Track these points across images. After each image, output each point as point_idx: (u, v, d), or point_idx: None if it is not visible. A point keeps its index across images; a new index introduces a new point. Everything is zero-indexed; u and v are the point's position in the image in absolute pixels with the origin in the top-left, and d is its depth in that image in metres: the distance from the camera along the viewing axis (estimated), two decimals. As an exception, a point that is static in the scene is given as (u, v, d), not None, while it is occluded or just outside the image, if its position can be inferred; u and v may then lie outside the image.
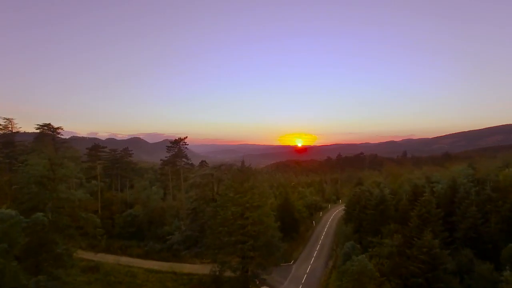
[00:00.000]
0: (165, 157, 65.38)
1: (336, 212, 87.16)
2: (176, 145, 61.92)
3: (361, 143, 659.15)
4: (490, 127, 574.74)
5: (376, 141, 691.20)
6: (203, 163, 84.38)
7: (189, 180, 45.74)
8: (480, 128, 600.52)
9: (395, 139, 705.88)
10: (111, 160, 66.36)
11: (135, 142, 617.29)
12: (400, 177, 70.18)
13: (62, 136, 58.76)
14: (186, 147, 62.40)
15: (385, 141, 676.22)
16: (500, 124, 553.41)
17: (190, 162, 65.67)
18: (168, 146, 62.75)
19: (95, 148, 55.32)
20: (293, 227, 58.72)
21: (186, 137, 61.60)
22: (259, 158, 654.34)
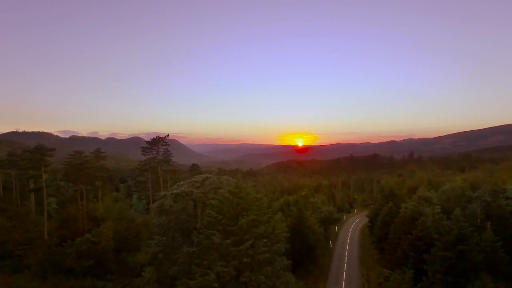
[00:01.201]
0: (140, 161, 49.49)
1: (354, 225, 71.32)
2: (155, 146, 46.00)
3: (362, 143, 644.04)
4: (491, 127, 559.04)
5: (377, 141, 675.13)
6: (194, 167, 68.53)
7: (155, 202, 29.77)
8: (481, 128, 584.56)
9: (396, 139, 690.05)
10: (75, 165, 50.46)
11: (135, 141, 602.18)
12: (440, 185, 54.31)
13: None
14: (167, 148, 46.49)
15: (385, 141, 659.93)
16: (501, 124, 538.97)
17: (172, 168, 49.67)
18: (143, 147, 46.76)
19: (39, 150, 39.29)
20: (308, 256, 42.99)
21: (168, 135, 45.91)
22: (259, 158, 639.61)
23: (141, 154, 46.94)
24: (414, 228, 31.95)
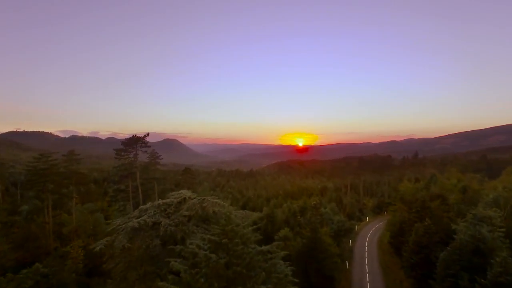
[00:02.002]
0: (114, 166, 39.92)
1: (369, 237, 61.56)
2: (133, 147, 36.41)
3: (362, 143, 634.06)
4: (493, 127, 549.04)
5: (377, 141, 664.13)
6: (187, 171, 58.96)
7: (99, 241, 20.05)
8: (482, 128, 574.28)
9: (397, 139, 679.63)
10: (39, 170, 40.95)
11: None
12: (478, 194, 44.68)
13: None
14: (148, 150, 36.88)
15: (386, 141, 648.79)
16: (503, 124, 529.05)
17: (153, 176, 40.03)
18: (116, 150, 37.09)
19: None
20: (324, 287, 33.42)
21: (148, 134, 36.27)
22: (260, 157, 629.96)
23: (115, 157, 37.29)
24: (480, 263, 22.37)
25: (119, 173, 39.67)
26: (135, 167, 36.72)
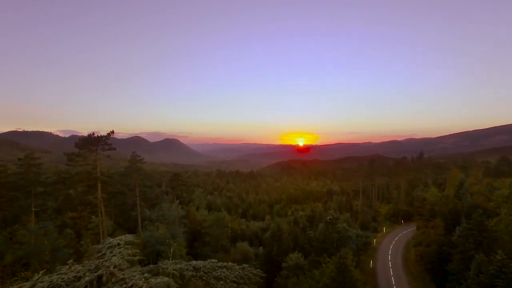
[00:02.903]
0: (67, 175, 29.75)
1: (390, 254, 51.38)
2: (91, 150, 26.43)
3: (363, 143, 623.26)
4: (494, 127, 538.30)
5: (378, 141, 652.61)
6: (177, 176, 49.10)
7: None
8: (483, 128, 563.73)
9: (397, 139, 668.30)
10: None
11: (136, 141, 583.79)
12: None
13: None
14: (108, 152, 26.90)
15: (387, 140, 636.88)
16: (504, 124, 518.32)
17: (123, 189, 29.88)
18: (68, 155, 27.04)
19: None
20: None
21: (112, 132, 26.38)
22: (260, 157, 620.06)
23: (66, 164, 27.24)
24: None
25: (86, 181, 29.60)
26: (94, 177, 26.76)
